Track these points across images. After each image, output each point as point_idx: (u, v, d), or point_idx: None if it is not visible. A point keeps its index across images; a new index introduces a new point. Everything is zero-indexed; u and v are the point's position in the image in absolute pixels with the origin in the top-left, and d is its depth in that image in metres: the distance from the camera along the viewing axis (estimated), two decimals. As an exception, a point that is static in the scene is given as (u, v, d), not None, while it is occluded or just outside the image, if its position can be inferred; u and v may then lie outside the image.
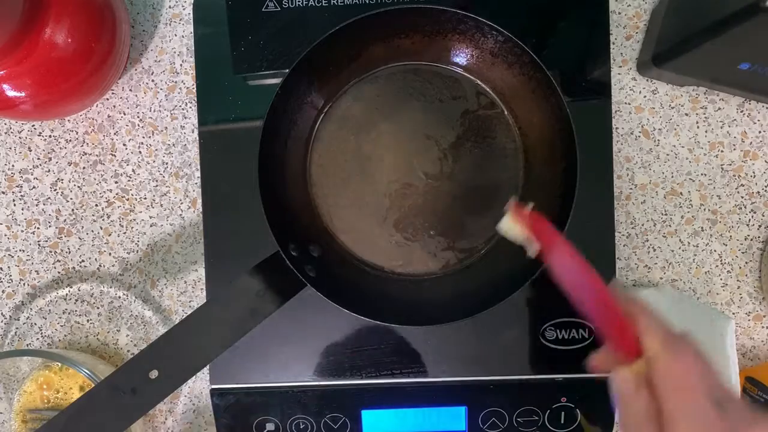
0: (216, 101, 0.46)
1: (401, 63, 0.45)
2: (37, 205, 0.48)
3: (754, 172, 0.47)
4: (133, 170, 0.48)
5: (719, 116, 0.47)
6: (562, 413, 0.45)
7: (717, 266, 0.47)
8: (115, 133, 0.48)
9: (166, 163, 0.48)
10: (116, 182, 0.48)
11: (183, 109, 0.48)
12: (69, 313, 0.48)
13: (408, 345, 0.46)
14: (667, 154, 0.47)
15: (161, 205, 0.48)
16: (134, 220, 0.48)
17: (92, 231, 0.48)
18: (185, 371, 0.38)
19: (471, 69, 0.44)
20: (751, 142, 0.47)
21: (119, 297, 0.48)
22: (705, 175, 0.47)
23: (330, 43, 0.40)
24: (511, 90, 0.44)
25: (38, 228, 0.48)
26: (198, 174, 0.47)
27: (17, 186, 0.48)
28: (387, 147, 0.45)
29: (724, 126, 0.47)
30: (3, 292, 0.49)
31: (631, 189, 0.47)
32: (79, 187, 0.48)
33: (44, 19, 0.38)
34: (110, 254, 0.48)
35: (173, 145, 0.48)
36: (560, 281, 0.32)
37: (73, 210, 0.48)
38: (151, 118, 0.48)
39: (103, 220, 0.48)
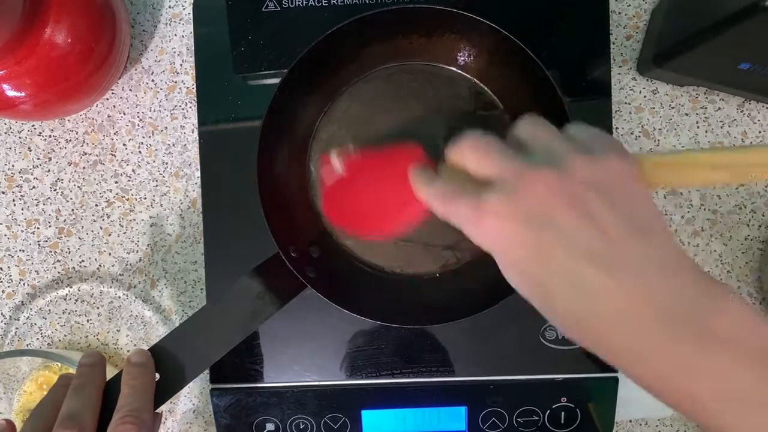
0: (216, 101, 0.46)
1: (400, 63, 0.45)
2: (37, 205, 0.48)
3: (754, 172, 0.47)
4: (133, 170, 0.48)
5: (719, 116, 0.47)
6: (562, 413, 0.45)
7: (717, 266, 0.47)
8: (115, 133, 0.48)
9: (166, 163, 0.48)
10: (116, 182, 0.48)
11: (183, 109, 0.48)
12: (69, 313, 0.48)
13: (408, 345, 0.46)
14: (667, 154, 0.47)
15: (161, 205, 0.48)
16: (134, 220, 0.48)
17: (92, 231, 0.48)
18: (186, 374, 0.38)
19: (470, 69, 0.44)
20: (751, 142, 0.47)
21: (119, 297, 0.48)
22: (705, 175, 0.47)
23: (329, 43, 0.40)
24: (510, 90, 0.44)
25: (38, 228, 0.48)
26: (198, 174, 0.47)
27: (17, 186, 0.48)
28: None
29: (724, 126, 0.47)
30: (3, 292, 0.49)
31: (631, 189, 0.47)
32: (79, 187, 0.48)
33: (44, 19, 0.38)
34: (110, 254, 0.48)
35: (173, 145, 0.48)
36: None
37: (73, 210, 0.48)
38: (151, 117, 0.48)
39: (103, 220, 0.48)
